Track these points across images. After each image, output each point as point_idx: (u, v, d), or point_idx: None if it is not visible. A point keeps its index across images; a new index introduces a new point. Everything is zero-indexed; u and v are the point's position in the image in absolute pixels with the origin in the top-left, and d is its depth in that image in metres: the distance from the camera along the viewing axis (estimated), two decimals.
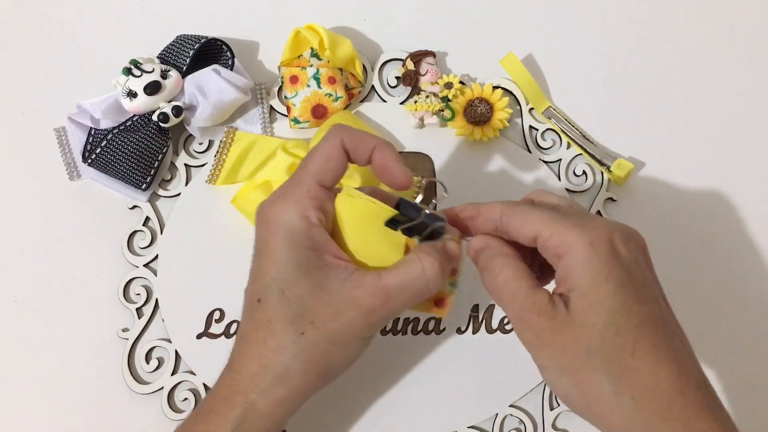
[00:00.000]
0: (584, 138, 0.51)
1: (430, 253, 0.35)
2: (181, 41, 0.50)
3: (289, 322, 0.34)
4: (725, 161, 0.51)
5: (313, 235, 0.34)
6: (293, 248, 0.34)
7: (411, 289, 0.34)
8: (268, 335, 0.34)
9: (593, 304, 0.32)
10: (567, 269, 0.33)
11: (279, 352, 0.34)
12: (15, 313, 0.49)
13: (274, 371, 0.34)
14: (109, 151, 0.48)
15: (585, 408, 0.33)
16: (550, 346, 0.33)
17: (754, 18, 0.55)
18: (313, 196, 0.35)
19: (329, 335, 0.34)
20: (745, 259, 0.50)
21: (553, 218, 0.34)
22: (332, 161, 0.35)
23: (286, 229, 0.34)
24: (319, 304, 0.34)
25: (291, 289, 0.34)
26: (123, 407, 0.47)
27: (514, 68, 0.51)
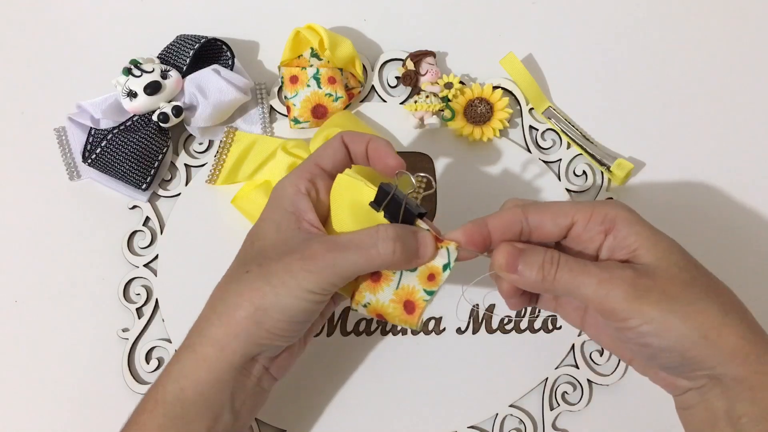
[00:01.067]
0: (584, 138, 0.51)
1: (392, 225, 0.35)
2: (181, 41, 0.50)
3: (242, 263, 0.37)
4: (725, 161, 0.51)
5: (296, 200, 0.37)
6: (276, 209, 0.38)
7: (359, 246, 0.35)
8: (224, 278, 0.38)
9: (666, 251, 0.34)
10: (622, 235, 0.35)
11: (223, 289, 0.37)
12: (15, 313, 0.49)
13: (215, 309, 0.36)
14: (109, 151, 0.48)
15: (702, 340, 0.32)
16: (650, 294, 0.33)
17: (754, 18, 0.55)
18: (308, 170, 0.39)
19: (267, 274, 0.35)
20: (746, 258, 0.50)
21: (579, 204, 0.36)
22: (330, 148, 0.39)
23: (277, 195, 0.38)
24: (273, 252, 0.36)
25: (259, 240, 0.37)
26: (123, 407, 0.47)
27: (514, 68, 0.51)
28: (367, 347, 0.47)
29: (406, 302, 0.37)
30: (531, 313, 0.48)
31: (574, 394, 0.47)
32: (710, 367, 0.33)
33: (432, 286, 0.36)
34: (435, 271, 0.36)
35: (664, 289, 0.33)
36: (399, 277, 0.37)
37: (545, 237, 0.36)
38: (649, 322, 0.33)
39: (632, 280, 0.33)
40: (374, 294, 0.37)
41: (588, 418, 0.47)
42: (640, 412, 0.47)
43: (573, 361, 0.48)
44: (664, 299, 0.33)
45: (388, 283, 0.37)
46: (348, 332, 0.48)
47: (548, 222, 0.36)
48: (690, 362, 0.33)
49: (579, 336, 0.48)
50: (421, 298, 0.36)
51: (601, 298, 0.33)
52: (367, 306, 0.38)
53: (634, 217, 0.35)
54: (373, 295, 0.37)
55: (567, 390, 0.47)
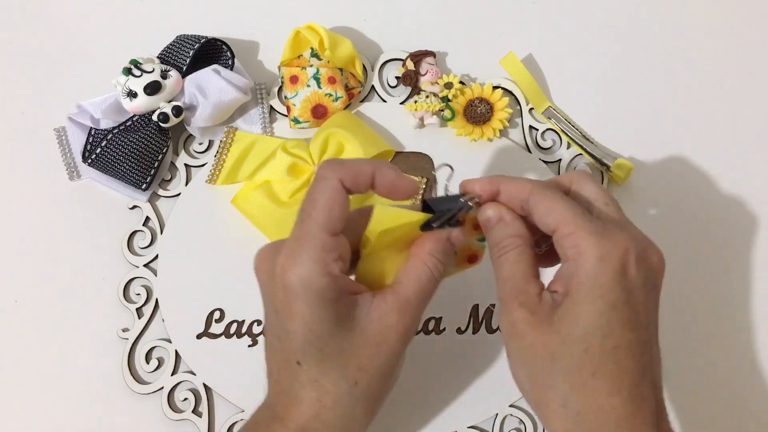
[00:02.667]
0: (584, 138, 0.51)
1: (433, 253, 0.35)
2: (181, 41, 0.50)
3: (340, 376, 0.33)
4: (725, 161, 0.51)
5: (339, 286, 0.33)
6: (322, 306, 0.32)
7: (427, 291, 0.35)
8: (321, 394, 0.33)
9: (577, 317, 0.32)
10: (569, 273, 0.32)
11: (338, 407, 0.34)
12: (15, 313, 0.49)
13: (338, 425, 0.34)
14: (109, 151, 0.48)
15: (535, 405, 0.34)
16: (520, 339, 0.33)
17: (754, 18, 0.55)
18: (330, 248, 0.32)
19: (379, 372, 0.34)
20: (746, 258, 0.50)
21: (576, 217, 0.33)
22: (337, 207, 0.33)
23: (311, 290, 0.32)
24: (360, 348, 0.33)
25: (328, 344, 0.33)
26: (123, 407, 0.47)
27: (514, 68, 0.51)
28: None
29: (470, 256, 0.38)
30: None
31: None
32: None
33: (480, 234, 0.37)
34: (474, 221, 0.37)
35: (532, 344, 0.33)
36: None
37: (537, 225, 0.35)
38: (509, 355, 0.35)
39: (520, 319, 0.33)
40: None
41: None
42: None
43: None
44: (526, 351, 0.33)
45: None
46: None
47: (536, 215, 0.35)
48: None
49: None
50: (479, 245, 0.38)
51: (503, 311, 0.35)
52: None
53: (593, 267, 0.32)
54: None
55: None
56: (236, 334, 0.48)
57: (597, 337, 0.31)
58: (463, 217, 0.36)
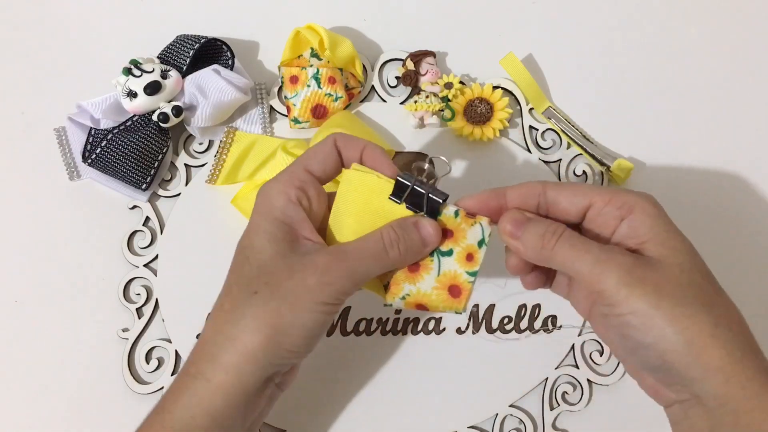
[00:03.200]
0: (584, 138, 0.51)
1: (392, 224, 0.36)
2: (181, 41, 0.50)
3: (246, 283, 0.35)
4: (725, 161, 0.51)
5: (288, 210, 0.36)
6: (266, 220, 0.36)
7: (368, 250, 0.35)
8: (226, 299, 0.36)
9: (676, 248, 0.34)
10: (637, 224, 0.34)
11: (231, 312, 0.35)
12: (15, 313, 0.49)
13: (224, 333, 0.34)
14: (109, 151, 0.48)
15: (686, 346, 0.31)
16: (642, 284, 0.32)
17: (753, 18, 0.55)
18: (297, 176, 0.36)
19: (282, 293, 0.34)
20: (746, 258, 0.50)
21: (599, 188, 0.35)
22: (321, 153, 0.37)
23: (265, 204, 0.36)
24: (278, 267, 0.35)
25: (255, 255, 0.35)
26: (123, 407, 0.47)
27: (514, 68, 0.51)
28: (367, 347, 0.47)
29: (450, 287, 0.37)
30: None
31: (574, 394, 0.47)
32: (690, 379, 0.32)
33: (473, 266, 0.36)
34: (471, 250, 0.36)
35: (658, 284, 0.32)
36: (438, 264, 0.37)
37: (562, 215, 0.36)
38: (634, 312, 0.32)
39: (629, 267, 0.32)
40: (414, 284, 0.37)
41: (588, 418, 0.47)
42: (640, 412, 0.47)
43: (573, 361, 0.48)
44: (654, 294, 0.32)
45: (428, 271, 0.37)
46: (348, 332, 0.48)
47: (564, 199, 0.35)
48: (669, 368, 0.32)
49: (579, 336, 0.48)
50: (466, 280, 0.37)
51: (594, 277, 0.33)
52: (405, 298, 0.37)
53: (653, 209, 0.35)
54: (413, 286, 0.37)
55: (567, 390, 0.47)
56: None
57: (698, 260, 0.34)
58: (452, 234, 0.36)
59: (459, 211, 0.36)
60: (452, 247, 0.36)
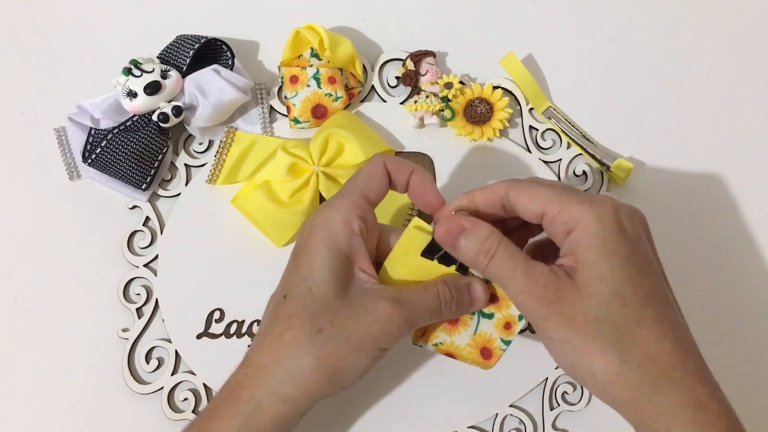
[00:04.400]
0: (584, 138, 0.51)
1: (448, 282, 0.37)
2: (181, 41, 0.50)
3: (309, 318, 0.35)
4: (725, 161, 0.51)
5: (351, 242, 0.36)
6: (331, 250, 0.35)
7: (426, 305, 0.36)
8: (285, 329, 0.35)
9: (602, 276, 0.33)
10: (575, 243, 0.33)
11: (293, 347, 0.35)
12: (15, 313, 0.49)
13: (285, 366, 0.35)
14: (109, 151, 0.48)
15: (591, 379, 0.33)
16: (558, 317, 0.33)
17: (753, 18, 0.55)
18: (358, 206, 0.36)
19: (345, 336, 0.35)
20: (746, 258, 0.50)
21: (559, 195, 0.34)
22: (375, 179, 0.38)
23: (328, 232, 0.36)
24: (341, 306, 0.35)
25: (319, 287, 0.35)
26: (123, 407, 0.47)
27: (514, 68, 0.51)
28: None
29: (483, 349, 0.39)
30: None
31: (574, 394, 0.47)
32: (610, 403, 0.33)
33: (509, 335, 0.38)
34: (511, 320, 0.38)
35: (571, 318, 0.33)
36: (477, 323, 0.38)
37: (524, 218, 0.36)
38: (550, 339, 0.34)
39: (547, 300, 0.33)
40: (450, 336, 0.39)
41: (588, 418, 0.47)
42: None
43: None
44: (566, 328, 0.33)
45: (466, 327, 0.39)
46: None
47: (521, 206, 0.36)
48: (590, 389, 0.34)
49: None
50: (499, 347, 0.38)
51: (518, 303, 0.35)
52: (438, 345, 0.39)
53: (596, 227, 0.33)
54: (448, 337, 0.39)
55: (567, 390, 0.47)
56: (236, 334, 0.48)
57: (628, 288, 0.32)
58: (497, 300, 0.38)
59: None
60: (494, 312, 0.38)
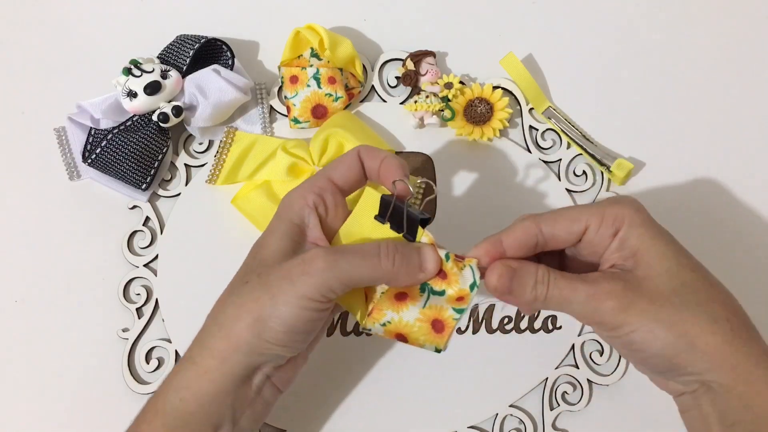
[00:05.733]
0: (584, 138, 0.51)
1: (395, 240, 0.36)
2: (181, 41, 0.50)
3: (242, 275, 0.37)
4: (726, 161, 0.51)
5: (302, 213, 0.37)
6: (282, 221, 0.37)
7: (361, 252, 0.35)
8: (226, 288, 0.37)
9: (661, 255, 0.34)
10: (626, 237, 0.35)
11: (223, 301, 0.37)
12: (15, 312, 0.49)
13: (215, 320, 0.36)
14: (109, 151, 0.48)
15: (688, 347, 0.33)
16: (636, 304, 0.33)
17: (753, 18, 0.55)
18: (317, 185, 0.38)
19: (266, 283, 0.35)
20: (746, 258, 0.50)
21: (591, 207, 0.36)
22: (344, 164, 0.38)
23: (284, 207, 0.38)
24: (273, 261, 0.36)
25: (262, 251, 0.37)
26: (123, 407, 0.47)
27: (514, 68, 0.51)
28: (367, 347, 0.47)
29: (434, 321, 0.36)
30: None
31: (574, 394, 0.47)
32: (698, 373, 0.33)
33: (461, 305, 0.36)
34: (463, 293, 0.36)
35: (651, 297, 0.33)
36: (426, 298, 0.36)
37: (560, 245, 0.37)
38: (636, 331, 0.34)
39: (619, 292, 0.34)
40: (397, 312, 0.36)
41: (588, 418, 0.47)
42: (640, 412, 0.47)
43: (573, 361, 0.48)
44: (650, 308, 0.33)
45: (414, 303, 0.36)
46: (348, 332, 0.48)
47: (562, 231, 0.36)
48: (678, 368, 0.34)
49: (579, 336, 0.48)
50: (451, 316, 0.36)
51: (590, 313, 0.35)
52: (386, 324, 0.36)
53: (639, 217, 0.35)
54: (396, 314, 0.36)
55: (567, 390, 0.47)
56: None
57: (685, 259, 0.35)
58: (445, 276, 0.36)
59: (449, 254, 0.36)
60: (445, 289, 0.36)
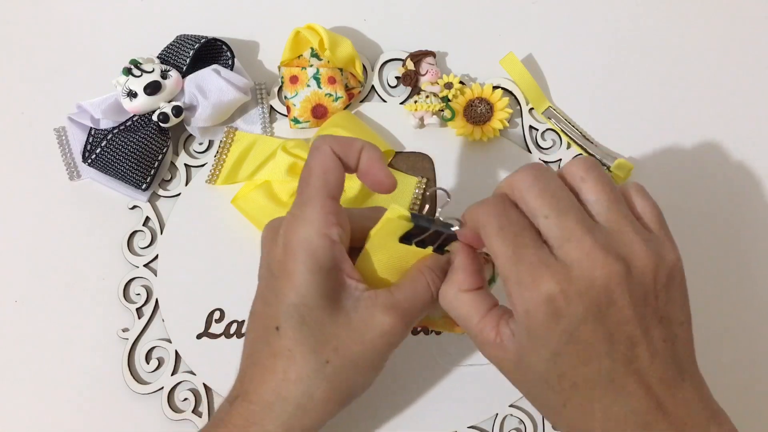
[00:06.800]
0: (584, 138, 0.51)
1: (432, 267, 0.35)
2: (181, 41, 0.50)
3: (312, 351, 0.33)
4: (725, 161, 0.51)
5: (334, 254, 0.33)
6: (315, 270, 0.32)
7: (421, 302, 0.35)
8: (288, 365, 0.33)
9: (530, 361, 0.31)
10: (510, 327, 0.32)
11: (301, 383, 0.33)
12: (15, 313, 0.49)
13: (295, 402, 0.33)
14: (109, 151, 0.48)
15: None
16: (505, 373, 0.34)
17: (754, 19, 0.55)
18: (330, 211, 0.33)
19: (353, 360, 0.34)
20: (746, 258, 0.50)
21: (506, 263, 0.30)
22: (331, 172, 0.34)
23: (307, 250, 0.32)
24: (341, 329, 0.33)
25: (312, 313, 0.33)
26: (123, 407, 0.47)
27: (514, 68, 0.51)
28: None
29: None
30: None
31: None
32: None
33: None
34: None
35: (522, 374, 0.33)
36: None
37: None
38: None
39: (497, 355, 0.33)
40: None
41: None
42: None
43: None
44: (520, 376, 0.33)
45: None
46: None
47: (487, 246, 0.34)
48: None
49: None
50: None
51: None
52: None
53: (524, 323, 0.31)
54: None
55: None
56: (236, 334, 0.48)
57: (553, 377, 0.31)
58: None
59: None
60: None
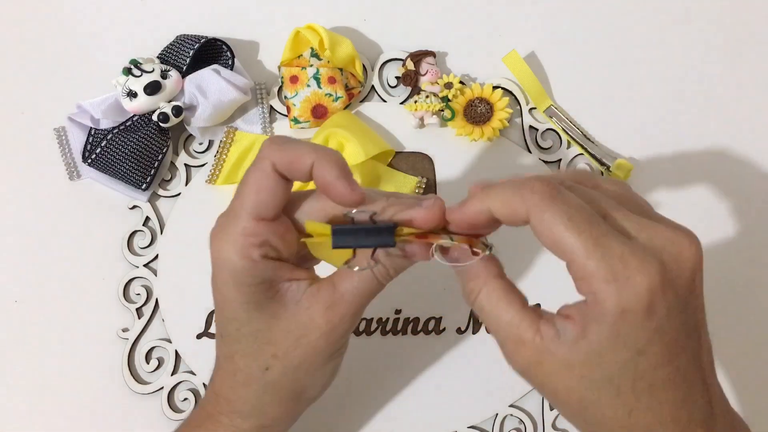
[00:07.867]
0: (585, 137, 0.51)
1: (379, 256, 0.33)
2: (181, 41, 0.50)
3: (252, 359, 0.33)
4: (725, 162, 0.51)
5: (259, 272, 0.31)
6: (239, 287, 0.32)
7: (368, 290, 0.33)
8: (236, 369, 0.34)
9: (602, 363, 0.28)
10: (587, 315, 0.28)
11: (249, 386, 0.34)
12: (15, 313, 0.49)
13: (249, 403, 0.34)
14: (109, 151, 0.48)
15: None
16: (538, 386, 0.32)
17: (756, 19, 0.54)
18: (251, 233, 0.31)
19: (295, 365, 0.33)
20: (746, 258, 0.50)
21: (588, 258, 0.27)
22: (264, 192, 0.31)
23: (228, 268, 0.31)
24: (278, 335, 0.33)
25: (245, 326, 0.33)
26: (123, 407, 0.47)
27: (517, 66, 0.51)
28: (366, 347, 0.47)
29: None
30: None
31: None
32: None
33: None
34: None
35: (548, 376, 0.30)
36: None
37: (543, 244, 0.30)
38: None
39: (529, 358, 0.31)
40: None
41: None
42: None
43: None
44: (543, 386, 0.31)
45: None
46: None
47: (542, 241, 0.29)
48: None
49: None
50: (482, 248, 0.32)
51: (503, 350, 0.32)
52: None
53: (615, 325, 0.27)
54: None
55: None
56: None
57: (627, 380, 0.28)
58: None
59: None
60: None
